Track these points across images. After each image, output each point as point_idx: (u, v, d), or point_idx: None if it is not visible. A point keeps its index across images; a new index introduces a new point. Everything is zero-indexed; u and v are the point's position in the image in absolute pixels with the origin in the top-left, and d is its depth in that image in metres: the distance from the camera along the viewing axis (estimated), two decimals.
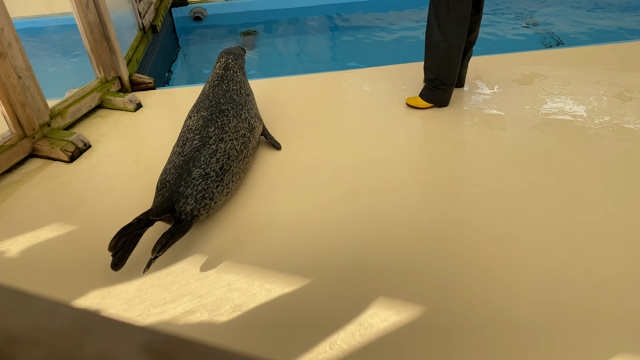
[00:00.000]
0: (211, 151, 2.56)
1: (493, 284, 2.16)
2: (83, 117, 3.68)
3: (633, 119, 3.29)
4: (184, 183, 2.41)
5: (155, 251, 2.20)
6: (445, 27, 3.20)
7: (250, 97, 3.11)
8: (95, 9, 3.65)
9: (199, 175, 2.46)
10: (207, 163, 2.51)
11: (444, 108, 3.54)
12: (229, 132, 2.71)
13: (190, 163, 2.49)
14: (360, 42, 5.71)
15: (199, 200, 2.41)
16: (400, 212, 2.61)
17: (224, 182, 2.56)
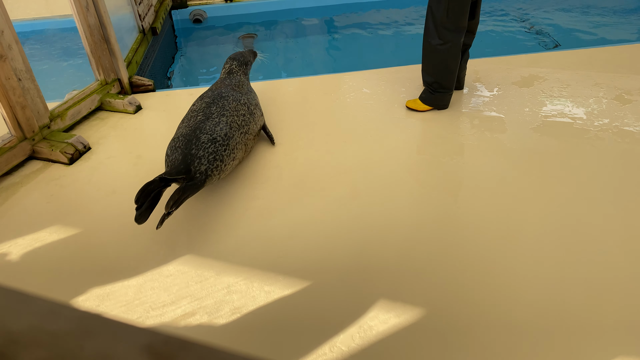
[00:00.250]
0: (214, 122, 2.75)
1: (493, 286, 2.16)
2: (83, 119, 3.68)
3: (632, 121, 3.30)
4: (195, 147, 2.57)
5: (168, 207, 2.30)
6: (443, 30, 3.21)
7: (251, 95, 3.27)
8: (95, 11, 3.65)
9: (207, 139, 2.62)
10: (213, 130, 2.69)
11: (443, 110, 3.54)
12: (230, 110, 2.91)
13: (197, 131, 2.66)
14: (359, 44, 5.72)
15: (211, 161, 2.57)
16: (400, 214, 2.61)
17: (230, 147, 2.72)
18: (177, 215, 2.69)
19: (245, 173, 3.02)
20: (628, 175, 2.81)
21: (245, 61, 3.56)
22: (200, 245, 2.48)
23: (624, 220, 2.48)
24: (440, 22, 3.19)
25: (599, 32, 5.44)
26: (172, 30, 6.12)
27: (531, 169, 2.91)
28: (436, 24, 3.22)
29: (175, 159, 2.56)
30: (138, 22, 4.86)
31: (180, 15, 6.30)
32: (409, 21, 6.17)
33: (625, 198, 2.64)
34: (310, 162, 3.09)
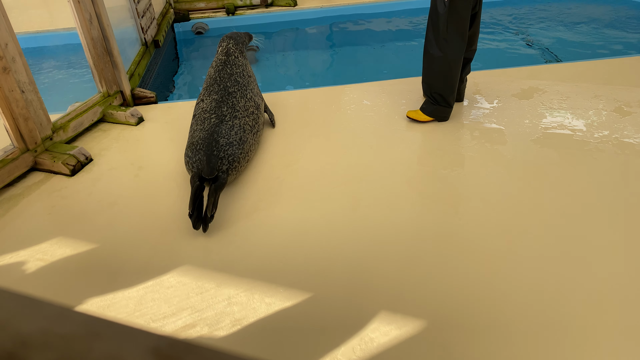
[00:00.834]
0: (229, 126, 2.99)
1: (494, 297, 2.15)
2: (85, 131, 3.70)
3: (632, 133, 3.31)
4: (216, 149, 2.83)
5: (210, 210, 2.59)
6: (444, 42, 3.23)
7: (252, 79, 3.49)
8: (98, 24, 3.69)
9: (225, 143, 2.89)
10: (229, 134, 2.94)
11: (444, 122, 3.56)
12: (240, 111, 3.13)
13: (214, 135, 2.90)
14: (360, 56, 5.76)
15: (231, 162, 2.87)
16: (401, 225, 2.61)
17: (244, 150, 3.00)
18: (178, 227, 2.70)
19: (246, 184, 3.03)
20: (629, 187, 2.81)
21: (241, 40, 3.74)
22: (201, 257, 2.48)
23: (626, 232, 2.48)
24: (441, 34, 3.21)
25: (597, 45, 5.48)
26: (174, 42, 6.17)
27: (531, 181, 2.92)
28: (437, 36, 3.24)
29: (199, 159, 2.81)
30: (141, 35, 4.91)
31: (182, 28, 6.35)
32: (408, 33, 6.22)
33: (626, 209, 2.64)
34: (311, 174, 3.10)
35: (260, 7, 6.61)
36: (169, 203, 2.91)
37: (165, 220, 2.78)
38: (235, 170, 2.93)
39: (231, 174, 2.90)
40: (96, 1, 3.61)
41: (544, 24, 6.19)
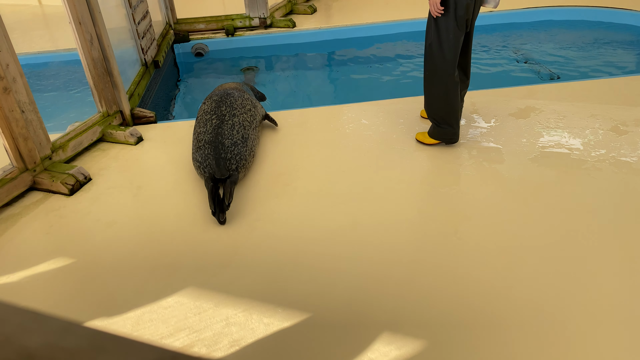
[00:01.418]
0: (229, 126, 3.22)
1: (493, 318, 2.14)
2: (84, 151, 3.71)
3: (629, 152, 3.33)
4: (223, 151, 3.07)
5: (227, 199, 2.83)
6: (441, 67, 3.25)
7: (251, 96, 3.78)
8: (99, 45, 3.73)
9: (230, 144, 3.12)
10: (231, 135, 3.17)
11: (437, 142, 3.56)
12: (238, 108, 3.40)
13: (219, 137, 3.14)
14: (358, 77, 5.81)
15: (238, 160, 3.10)
16: (400, 245, 2.61)
17: (248, 146, 3.24)
18: (176, 246, 2.69)
19: (244, 203, 3.03)
20: (627, 206, 2.82)
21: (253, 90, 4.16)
22: (198, 276, 2.46)
23: (625, 250, 2.48)
24: (438, 58, 3.24)
25: (592, 66, 5.54)
26: (174, 63, 6.22)
27: (530, 199, 2.92)
28: (434, 61, 3.26)
29: (209, 164, 3.03)
30: (141, 55, 4.96)
31: (182, 48, 6.41)
32: (406, 53, 6.29)
33: (625, 228, 2.64)
34: (309, 192, 3.10)
35: (259, 28, 6.69)
36: (167, 222, 2.91)
37: (163, 239, 2.77)
38: (244, 168, 3.16)
39: (241, 171, 3.13)
40: (97, 22, 3.66)
41: (539, 45, 6.27)
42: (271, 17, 6.68)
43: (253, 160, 3.35)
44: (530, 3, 7.29)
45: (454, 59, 3.22)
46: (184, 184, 3.28)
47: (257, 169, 3.39)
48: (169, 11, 6.32)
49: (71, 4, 3.44)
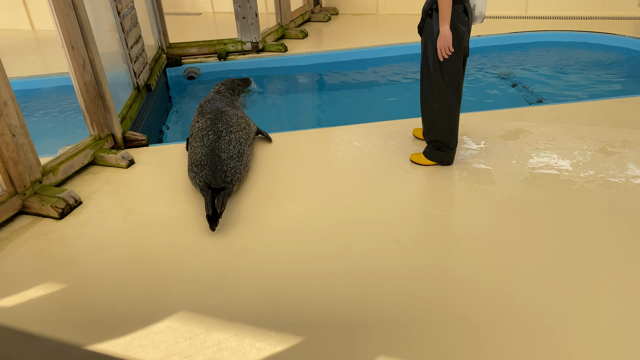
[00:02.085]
0: (226, 141, 3.39)
1: (487, 339, 2.13)
2: (75, 174, 3.69)
3: (617, 172, 3.37)
4: (219, 165, 3.19)
5: (219, 208, 2.95)
6: (442, 94, 3.28)
7: (241, 110, 3.97)
8: (91, 69, 3.75)
9: (226, 157, 3.26)
10: (228, 149, 3.33)
11: (435, 164, 3.59)
12: (234, 126, 3.58)
13: (216, 150, 3.28)
14: (349, 99, 5.87)
15: (233, 174, 3.22)
16: (393, 266, 2.60)
17: (243, 162, 3.38)
18: (167, 270, 2.66)
19: (236, 226, 3.01)
20: (617, 226, 2.84)
21: (232, 87, 4.39)
22: (189, 300, 2.43)
23: (615, 270, 2.49)
24: (437, 85, 3.26)
25: (580, 88, 5.65)
26: (166, 86, 6.26)
27: (521, 220, 2.94)
28: (433, 87, 3.28)
29: (205, 174, 3.15)
30: (133, 79, 4.98)
31: (174, 72, 6.46)
32: (396, 77, 6.37)
33: (615, 248, 2.66)
34: (301, 215, 3.10)
35: (251, 52, 6.76)
36: (158, 246, 2.89)
37: (154, 263, 2.74)
38: (238, 181, 3.28)
39: (235, 184, 3.24)
40: (90, 47, 3.68)
41: (526, 68, 6.38)
42: (263, 41, 6.77)
43: (247, 175, 3.49)
44: (516, 28, 7.46)
45: (459, 88, 3.29)
46: (175, 207, 3.26)
47: (248, 191, 3.38)
48: (161, 35, 6.38)
49: (64, 29, 3.47)
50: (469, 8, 3.16)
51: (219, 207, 2.96)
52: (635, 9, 7.70)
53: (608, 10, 7.78)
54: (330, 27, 8.23)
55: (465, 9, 3.12)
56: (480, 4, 3.28)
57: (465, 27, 3.14)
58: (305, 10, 8.43)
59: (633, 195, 3.11)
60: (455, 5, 3.05)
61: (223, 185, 3.13)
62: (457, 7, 3.07)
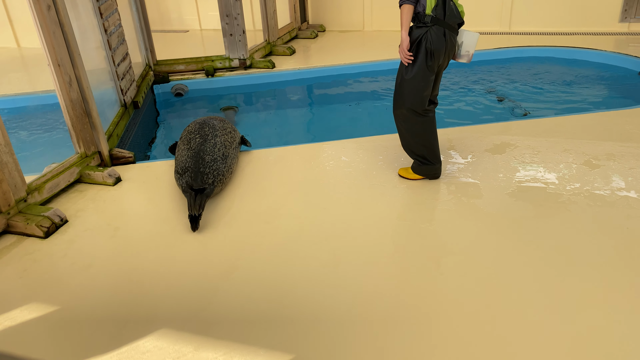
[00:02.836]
0: (212, 144, 3.58)
1: (478, 352, 2.12)
2: (61, 192, 3.65)
3: (602, 185, 3.41)
4: (202, 167, 3.36)
5: (197, 210, 3.09)
6: (411, 112, 3.35)
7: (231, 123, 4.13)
8: (78, 86, 3.73)
9: (210, 159, 3.43)
10: (212, 152, 3.51)
11: (423, 179, 3.61)
12: (220, 130, 3.77)
13: (200, 153, 3.47)
14: (337, 115, 5.90)
15: (216, 175, 3.38)
16: (383, 281, 2.59)
17: (227, 164, 3.55)
18: (155, 288, 2.63)
19: (225, 243, 2.99)
20: (602, 238, 2.86)
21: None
22: (177, 319, 2.40)
23: (602, 282, 2.51)
24: (407, 104, 3.33)
25: (564, 102, 5.74)
26: (153, 103, 6.25)
27: (509, 233, 2.96)
28: (405, 106, 3.35)
29: (188, 176, 3.31)
30: (120, 96, 4.97)
31: (162, 89, 6.45)
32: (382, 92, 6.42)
33: (601, 260, 2.68)
34: (291, 231, 3.08)
35: (239, 69, 6.79)
36: (146, 264, 2.85)
37: (141, 282, 2.71)
38: (221, 183, 3.42)
39: (217, 186, 3.38)
40: (76, 64, 3.67)
41: (512, 83, 6.47)
42: (251, 58, 6.80)
43: (231, 177, 3.66)
44: (500, 44, 7.58)
45: (423, 100, 3.32)
46: (162, 225, 3.23)
47: (237, 207, 3.37)
48: (148, 53, 6.38)
49: (50, 46, 3.46)
50: (450, 36, 3.21)
51: (197, 209, 3.10)
52: (616, 24, 7.88)
53: (590, 26, 7.94)
54: (317, 43, 8.30)
55: (445, 34, 3.19)
56: (468, 44, 3.31)
57: (440, 50, 3.19)
58: (293, 27, 8.50)
59: (618, 208, 3.14)
60: (435, 26, 3.15)
61: (203, 186, 3.26)
62: (436, 29, 3.16)
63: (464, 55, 3.36)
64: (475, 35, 3.32)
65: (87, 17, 4.40)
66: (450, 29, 3.21)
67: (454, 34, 3.26)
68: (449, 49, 3.27)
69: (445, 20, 3.17)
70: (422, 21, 3.17)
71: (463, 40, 3.32)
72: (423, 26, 3.18)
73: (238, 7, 6.39)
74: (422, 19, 3.17)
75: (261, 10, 7.32)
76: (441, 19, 3.16)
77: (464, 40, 3.32)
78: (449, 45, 3.24)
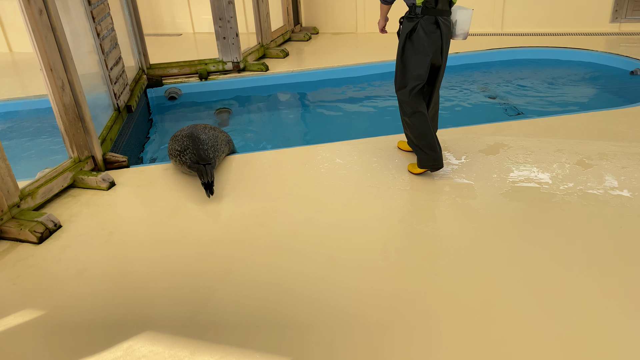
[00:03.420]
0: (202, 126, 4.05)
1: (473, 353, 2.12)
2: (54, 197, 3.63)
3: (595, 184, 3.43)
4: (200, 144, 3.74)
5: (210, 177, 3.47)
6: (404, 103, 3.47)
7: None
8: (70, 91, 3.71)
9: (206, 138, 3.85)
10: (204, 132, 3.91)
11: (414, 178, 3.62)
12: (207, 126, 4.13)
13: (194, 133, 3.85)
14: (331, 117, 5.90)
15: (214, 151, 3.79)
16: (379, 283, 2.59)
17: (218, 143, 3.94)
18: (150, 293, 2.62)
19: (220, 246, 2.99)
20: (596, 236, 2.88)
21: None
22: (173, 323, 2.39)
23: (598, 281, 2.52)
24: (401, 95, 3.48)
25: (556, 103, 5.77)
26: (147, 107, 6.23)
27: (503, 233, 2.97)
28: (400, 98, 3.51)
29: (191, 153, 3.66)
30: (113, 100, 4.95)
31: (155, 93, 6.43)
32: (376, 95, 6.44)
33: (596, 258, 2.69)
34: (286, 234, 3.08)
35: (232, 72, 6.78)
36: (140, 268, 2.84)
37: (136, 286, 2.70)
38: (217, 159, 3.80)
39: (216, 160, 3.76)
40: (69, 68, 3.66)
41: (505, 84, 6.51)
42: (244, 61, 6.80)
43: (224, 157, 4.07)
44: (493, 45, 7.62)
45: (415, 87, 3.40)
46: (157, 229, 3.22)
47: (232, 210, 3.36)
48: (142, 57, 6.37)
49: (42, 51, 3.44)
50: (442, 21, 3.25)
51: (210, 176, 3.46)
52: (607, 25, 7.93)
53: (581, 27, 8.00)
54: (310, 46, 8.31)
55: (437, 21, 3.23)
56: (462, 21, 3.33)
57: (432, 37, 3.25)
58: (286, 29, 8.51)
59: (611, 207, 3.16)
60: (425, 16, 3.21)
61: (208, 161, 3.62)
62: (426, 19, 3.22)
63: (460, 34, 3.37)
64: (468, 11, 3.30)
65: (79, 21, 4.38)
66: (441, 14, 3.23)
67: (447, 17, 3.28)
68: (445, 34, 3.29)
69: (437, 7, 3.19)
70: (412, 13, 3.22)
71: (457, 18, 3.31)
72: (414, 17, 3.24)
73: (231, 10, 6.39)
74: (413, 10, 3.21)
75: (254, 13, 7.32)
76: (432, 7, 3.18)
77: (457, 18, 3.30)
78: (443, 31, 3.27)
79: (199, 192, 3.63)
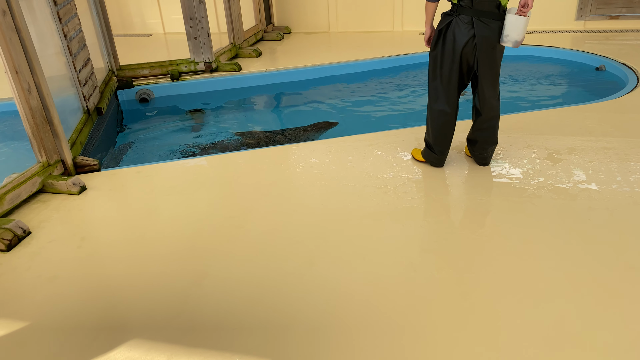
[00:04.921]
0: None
1: (455, 347, 2.15)
2: (23, 203, 3.53)
3: (564, 178, 3.52)
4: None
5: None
6: (430, 99, 3.54)
7: None
8: (37, 93, 3.62)
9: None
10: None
11: (387, 176, 3.65)
12: None
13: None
14: (304, 116, 5.90)
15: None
16: (357, 282, 2.60)
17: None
18: (125, 298, 2.57)
19: (195, 250, 2.95)
20: (567, 229, 2.95)
21: None
22: (149, 328, 2.35)
23: (568, 273, 2.58)
24: (429, 87, 3.54)
25: (525, 99, 5.89)
26: (118, 109, 6.12)
27: (476, 228, 3.01)
28: (429, 88, 3.56)
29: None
30: (83, 102, 4.84)
31: (126, 95, 6.32)
32: (349, 95, 6.46)
33: (567, 251, 2.76)
34: (262, 234, 3.07)
35: (205, 72, 6.72)
36: (114, 273, 2.79)
37: (110, 292, 2.65)
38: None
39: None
40: (35, 71, 3.56)
41: None
42: (216, 61, 6.74)
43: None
44: None
45: (441, 92, 3.44)
46: (130, 233, 3.17)
47: (207, 212, 3.33)
48: (111, 58, 6.25)
49: (7, 53, 3.35)
50: (480, 23, 3.09)
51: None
52: (572, 22, 8.14)
53: (547, 25, 8.18)
54: (283, 45, 8.29)
55: (472, 22, 3.10)
56: (509, 28, 3.08)
57: (462, 38, 3.14)
58: (258, 29, 8.47)
59: (580, 200, 3.24)
60: (461, 15, 3.14)
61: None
62: (461, 18, 3.14)
63: (507, 41, 3.14)
64: (519, 19, 3.03)
65: (45, 23, 4.28)
66: (481, 15, 3.06)
67: (491, 19, 3.09)
68: (484, 37, 3.12)
69: (474, 7, 3.04)
70: (451, 10, 3.21)
71: (505, 23, 3.11)
72: (451, 14, 3.20)
73: (202, 10, 6.32)
74: (452, 7, 3.20)
75: (225, 13, 7.26)
76: (468, 7, 3.06)
77: (506, 24, 3.10)
78: (479, 34, 3.10)
79: (172, 194, 3.58)
